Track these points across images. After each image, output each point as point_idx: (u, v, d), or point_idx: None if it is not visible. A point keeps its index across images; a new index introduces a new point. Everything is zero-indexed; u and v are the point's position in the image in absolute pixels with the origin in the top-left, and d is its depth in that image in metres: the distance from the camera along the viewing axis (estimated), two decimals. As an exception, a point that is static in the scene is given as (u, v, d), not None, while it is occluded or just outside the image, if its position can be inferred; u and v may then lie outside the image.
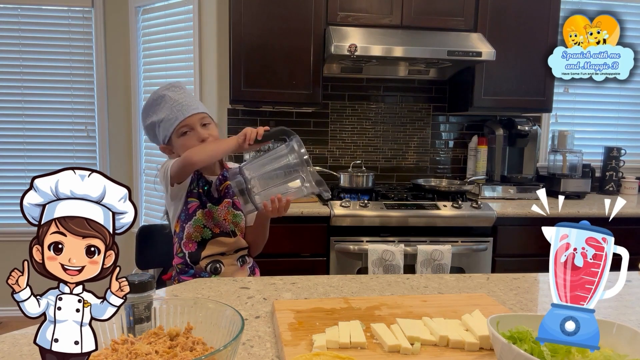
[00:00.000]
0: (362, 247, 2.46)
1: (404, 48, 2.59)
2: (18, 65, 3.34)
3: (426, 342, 0.88)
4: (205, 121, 1.54)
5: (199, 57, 3.05)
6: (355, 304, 1.09)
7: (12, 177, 3.44)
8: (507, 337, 0.75)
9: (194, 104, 1.54)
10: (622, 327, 0.79)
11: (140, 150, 3.43)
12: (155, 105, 1.54)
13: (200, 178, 1.56)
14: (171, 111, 1.50)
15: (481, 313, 0.98)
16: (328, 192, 1.43)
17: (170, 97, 1.52)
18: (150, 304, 0.84)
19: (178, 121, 1.49)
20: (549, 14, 2.82)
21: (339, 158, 3.24)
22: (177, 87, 1.55)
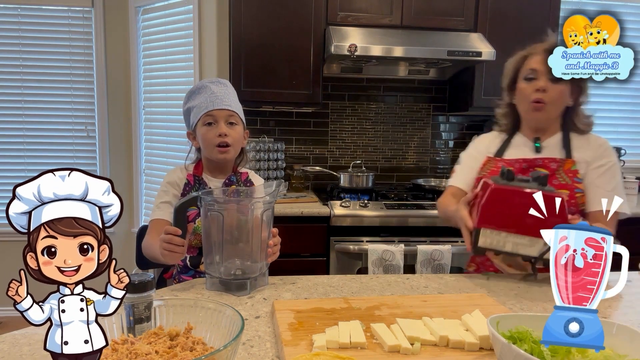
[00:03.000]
0: (362, 247, 2.46)
1: (404, 48, 2.59)
2: (18, 65, 3.34)
3: (426, 342, 0.88)
4: (232, 120, 1.53)
5: (199, 57, 3.04)
6: (355, 304, 1.09)
7: (12, 177, 3.43)
8: (507, 337, 0.75)
9: (228, 100, 1.53)
10: (622, 327, 0.79)
11: (140, 150, 3.43)
12: (196, 92, 1.55)
13: (200, 183, 1.55)
14: (205, 100, 1.51)
15: (481, 313, 0.98)
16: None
17: (211, 88, 1.53)
18: (150, 304, 0.84)
19: (207, 110, 1.50)
20: (549, 14, 2.82)
21: (339, 158, 3.24)
22: (221, 83, 1.56)
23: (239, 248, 1.25)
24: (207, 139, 1.51)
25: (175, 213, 1.25)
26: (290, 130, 3.17)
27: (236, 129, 1.53)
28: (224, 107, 1.51)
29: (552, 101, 1.52)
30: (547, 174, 1.33)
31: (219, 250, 1.23)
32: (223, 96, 1.52)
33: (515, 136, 1.65)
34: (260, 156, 2.91)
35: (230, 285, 1.21)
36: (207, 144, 1.52)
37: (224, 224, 1.20)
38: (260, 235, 1.23)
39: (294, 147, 3.19)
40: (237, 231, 1.23)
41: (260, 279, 1.27)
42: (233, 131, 1.52)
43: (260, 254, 1.25)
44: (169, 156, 3.25)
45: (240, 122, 1.56)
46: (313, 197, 2.83)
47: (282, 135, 3.15)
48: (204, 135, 1.51)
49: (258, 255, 1.24)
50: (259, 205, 1.21)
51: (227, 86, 1.57)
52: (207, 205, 1.21)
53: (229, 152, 1.52)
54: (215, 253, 1.23)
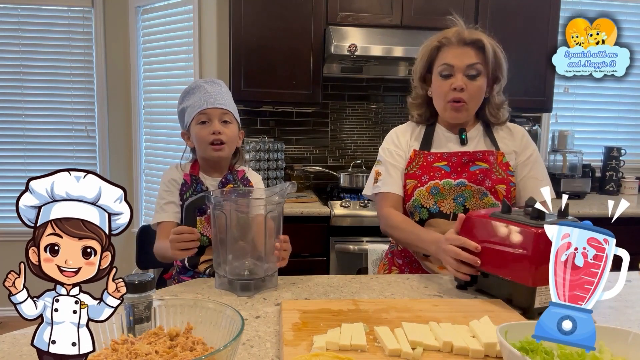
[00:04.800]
0: (362, 247, 2.46)
1: (404, 48, 2.59)
2: (18, 65, 3.34)
3: (429, 348, 0.86)
4: (226, 118, 1.52)
5: (199, 57, 3.05)
6: (363, 306, 1.07)
7: (12, 177, 3.43)
8: (518, 348, 0.73)
9: (222, 99, 1.53)
10: (638, 336, 0.77)
11: (140, 150, 3.43)
12: (190, 92, 1.55)
13: (197, 183, 1.55)
14: (199, 99, 1.51)
15: (491, 320, 0.95)
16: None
17: (205, 87, 1.53)
18: (150, 304, 0.84)
19: (200, 109, 1.50)
20: (549, 14, 2.82)
21: (339, 158, 3.24)
22: (215, 83, 1.57)
23: (247, 248, 1.25)
24: (201, 137, 1.50)
25: (185, 211, 1.26)
26: (290, 130, 3.17)
27: (230, 128, 1.53)
28: (218, 105, 1.50)
29: (470, 98, 1.44)
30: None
31: (227, 249, 1.23)
32: (217, 95, 1.52)
33: (435, 128, 1.56)
34: (260, 156, 2.91)
35: (234, 285, 1.21)
36: (201, 142, 1.51)
37: (233, 224, 1.20)
38: (269, 236, 1.23)
39: (294, 147, 3.19)
40: (246, 231, 1.23)
41: (269, 280, 1.26)
42: (227, 129, 1.51)
43: (269, 255, 1.24)
44: (168, 156, 3.25)
45: (234, 121, 1.55)
46: (313, 197, 2.83)
47: (282, 135, 3.15)
48: (198, 133, 1.51)
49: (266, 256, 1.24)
50: (268, 205, 1.21)
51: (222, 86, 1.57)
52: (217, 204, 1.21)
53: (223, 149, 1.51)
54: (223, 252, 1.23)
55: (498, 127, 1.55)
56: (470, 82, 1.43)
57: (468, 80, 1.43)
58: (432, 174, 1.48)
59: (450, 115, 1.48)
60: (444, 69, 1.45)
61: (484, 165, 1.47)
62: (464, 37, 1.45)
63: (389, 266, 1.63)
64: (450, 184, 1.46)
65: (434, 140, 1.54)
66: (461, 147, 1.51)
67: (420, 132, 1.57)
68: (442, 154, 1.50)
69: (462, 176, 1.46)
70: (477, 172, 1.46)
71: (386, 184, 1.54)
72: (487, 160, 1.47)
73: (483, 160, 1.47)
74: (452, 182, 1.46)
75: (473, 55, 1.44)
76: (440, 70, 1.46)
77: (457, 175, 1.47)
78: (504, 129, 1.56)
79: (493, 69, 1.47)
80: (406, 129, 1.61)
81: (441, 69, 1.46)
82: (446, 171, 1.48)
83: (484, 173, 1.46)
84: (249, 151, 2.86)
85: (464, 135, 1.51)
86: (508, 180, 1.47)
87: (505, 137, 1.54)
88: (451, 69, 1.44)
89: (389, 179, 1.54)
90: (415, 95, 1.59)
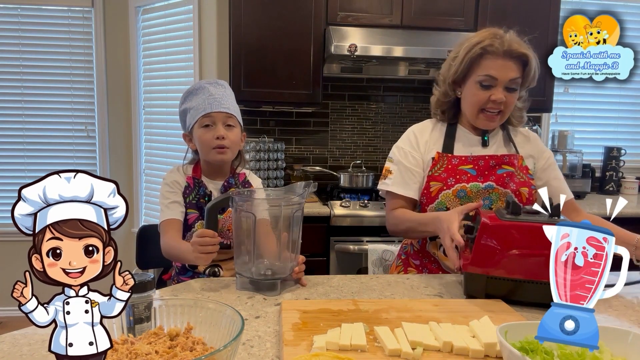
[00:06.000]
0: (362, 247, 2.46)
1: (404, 48, 2.59)
2: (18, 65, 3.34)
3: (429, 348, 0.86)
4: (230, 122, 1.51)
5: (199, 57, 3.05)
6: (363, 306, 1.08)
7: (12, 177, 3.43)
8: (518, 348, 0.73)
9: (227, 103, 1.52)
10: (638, 336, 0.77)
11: (140, 150, 3.43)
12: (193, 93, 1.54)
13: (200, 186, 1.54)
14: (202, 102, 1.50)
15: (491, 320, 0.95)
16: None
17: (209, 89, 1.52)
18: (150, 304, 0.84)
19: (204, 112, 1.49)
20: (549, 14, 2.82)
21: (339, 158, 3.24)
22: (219, 84, 1.55)
23: (269, 248, 1.26)
24: (205, 141, 1.49)
25: (207, 213, 1.25)
26: (290, 130, 3.17)
27: (234, 131, 1.52)
28: (222, 109, 1.49)
29: (506, 110, 1.46)
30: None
31: (249, 250, 1.23)
32: (221, 98, 1.51)
33: (457, 128, 1.54)
34: (260, 156, 2.91)
35: (260, 285, 1.22)
36: (204, 146, 1.50)
37: (255, 224, 1.21)
38: (291, 235, 1.25)
39: (294, 147, 3.19)
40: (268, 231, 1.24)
41: (289, 277, 1.28)
42: (231, 133, 1.51)
43: (291, 254, 1.26)
44: (168, 156, 3.25)
45: (237, 125, 1.55)
46: (313, 197, 2.83)
47: (282, 135, 3.15)
48: (202, 137, 1.50)
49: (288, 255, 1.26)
50: (289, 206, 1.22)
51: (226, 88, 1.56)
52: (238, 206, 1.21)
53: (226, 153, 1.51)
54: (248, 254, 1.24)
55: (513, 130, 1.58)
56: (509, 94, 1.43)
57: (507, 93, 1.42)
58: (458, 177, 1.47)
59: (483, 123, 1.48)
60: (486, 80, 1.41)
61: (510, 169, 1.48)
62: (512, 49, 1.41)
63: (404, 267, 1.61)
64: (478, 187, 1.46)
65: (456, 142, 1.53)
66: (482, 149, 1.52)
67: (441, 132, 1.55)
68: (467, 157, 1.49)
69: (490, 179, 1.47)
70: (504, 175, 1.47)
71: (396, 184, 1.53)
72: (512, 163, 1.49)
73: (509, 164, 1.49)
74: (479, 185, 1.46)
75: (516, 69, 1.42)
76: (481, 79, 1.42)
77: (484, 179, 1.47)
78: (519, 133, 1.58)
79: (529, 82, 1.48)
80: (425, 127, 1.59)
81: (482, 79, 1.42)
82: (472, 174, 1.47)
83: (509, 176, 1.47)
84: (249, 151, 2.86)
85: (486, 137, 1.52)
86: (529, 183, 1.49)
87: (522, 141, 1.56)
88: (494, 81, 1.41)
89: (400, 180, 1.52)
90: (442, 94, 1.54)
